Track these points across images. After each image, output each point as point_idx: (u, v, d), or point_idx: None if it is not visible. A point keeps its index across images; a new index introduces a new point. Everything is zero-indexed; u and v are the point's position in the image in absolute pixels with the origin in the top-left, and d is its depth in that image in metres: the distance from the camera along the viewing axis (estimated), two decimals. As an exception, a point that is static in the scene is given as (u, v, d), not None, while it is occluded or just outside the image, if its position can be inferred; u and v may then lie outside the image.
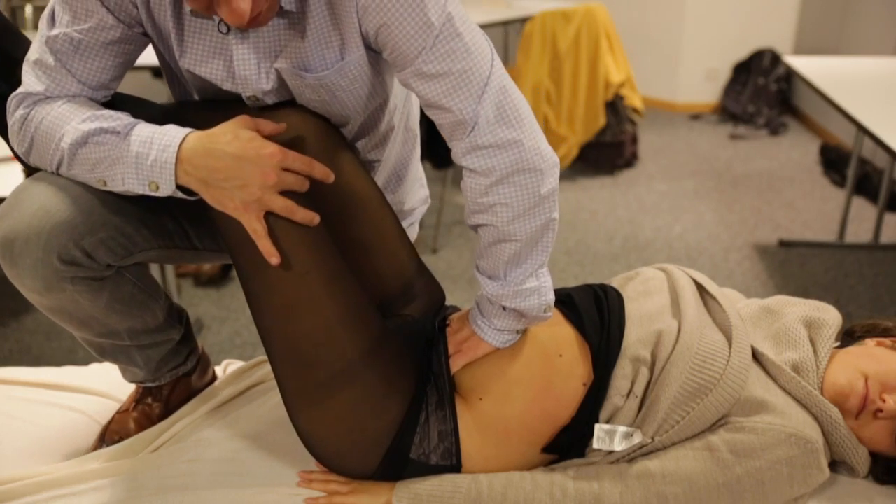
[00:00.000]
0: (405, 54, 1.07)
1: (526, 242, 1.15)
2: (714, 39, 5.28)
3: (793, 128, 5.10)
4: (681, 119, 5.33)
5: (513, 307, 1.18)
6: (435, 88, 1.08)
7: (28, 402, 1.50)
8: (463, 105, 1.08)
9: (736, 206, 3.86)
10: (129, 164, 1.07)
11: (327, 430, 1.17)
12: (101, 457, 1.33)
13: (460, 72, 1.07)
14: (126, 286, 1.21)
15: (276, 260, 1.10)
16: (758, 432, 1.12)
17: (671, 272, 1.35)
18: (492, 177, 1.11)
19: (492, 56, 1.11)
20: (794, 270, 3.20)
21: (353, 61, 1.12)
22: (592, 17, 3.86)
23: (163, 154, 1.06)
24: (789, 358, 1.22)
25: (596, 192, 4.05)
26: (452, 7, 1.07)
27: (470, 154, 1.11)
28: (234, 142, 1.06)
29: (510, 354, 1.22)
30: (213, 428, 1.39)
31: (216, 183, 1.07)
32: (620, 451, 1.16)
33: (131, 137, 1.08)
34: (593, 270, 3.22)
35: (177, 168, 1.07)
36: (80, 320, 1.22)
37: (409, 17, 1.04)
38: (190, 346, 1.43)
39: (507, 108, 1.10)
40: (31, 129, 1.12)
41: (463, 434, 1.19)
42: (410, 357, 1.22)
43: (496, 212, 1.13)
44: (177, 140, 1.07)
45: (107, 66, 1.14)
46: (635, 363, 1.19)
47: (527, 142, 1.10)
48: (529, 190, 1.11)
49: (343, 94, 1.16)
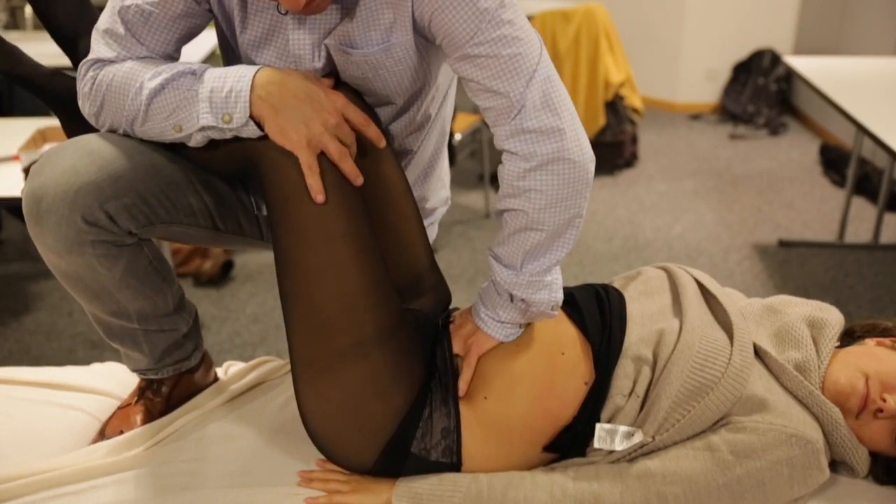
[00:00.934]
0: (458, 38, 1.11)
1: (550, 234, 1.16)
2: (714, 39, 5.28)
3: (793, 128, 5.10)
4: (681, 119, 5.33)
5: (522, 297, 1.18)
6: (484, 71, 1.12)
7: (28, 402, 1.50)
8: (511, 88, 1.11)
9: (736, 206, 3.86)
10: (204, 99, 1.13)
11: (331, 408, 1.17)
12: (101, 450, 1.33)
13: (510, 56, 1.10)
14: (142, 261, 1.24)
15: (322, 198, 1.14)
16: (759, 432, 1.12)
17: (673, 271, 1.35)
18: (532, 161, 1.13)
19: (540, 46, 1.14)
20: (793, 270, 3.20)
21: (399, 43, 1.16)
22: (592, 17, 3.86)
23: (238, 83, 1.12)
24: (792, 357, 1.22)
25: (596, 192, 4.05)
26: None
27: (513, 137, 1.14)
28: (304, 80, 1.14)
29: (514, 352, 1.22)
30: (214, 426, 1.39)
31: (285, 110, 1.12)
32: (621, 451, 1.16)
33: (206, 76, 1.14)
34: (593, 270, 3.22)
35: (251, 95, 1.12)
36: (93, 291, 1.23)
37: (463, 7, 1.08)
38: (195, 342, 1.44)
39: (554, 97, 1.13)
40: (103, 88, 1.17)
41: (465, 432, 1.19)
42: (419, 349, 1.22)
43: (530, 197, 1.14)
44: (251, 72, 1.13)
45: (172, 39, 1.20)
46: (637, 362, 1.19)
47: (569, 132, 1.13)
48: (566, 179, 1.14)
49: (386, 73, 1.20)
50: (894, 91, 2.68)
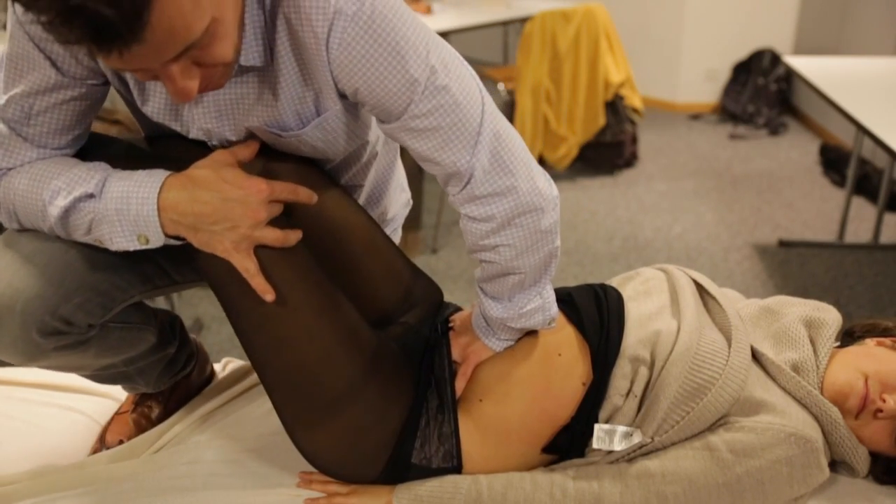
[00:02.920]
0: (389, 112, 1.02)
1: (531, 272, 1.15)
2: (714, 39, 5.28)
3: (792, 128, 5.10)
4: (680, 119, 5.33)
5: (518, 328, 1.19)
6: (425, 144, 1.04)
7: (28, 403, 1.50)
8: (456, 158, 1.04)
9: (736, 206, 3.86)
10: (112, 222, 1.03)
11: (328, 447, 1.17)
12: (101, 460, 1.33)
13: (450, 125, 1.02)
14: (112, 334, 1.18)
15: (272, 297, 1.07)
16: (757, 432, 1.12)
17: (671, 272, 1.35)
18: (492, 223, 1.09)
19: (482, 99, 1.05)
20: (793, 270, 3.20)
21: (330, 116, 1.07)
22: (592, 17, 3.86)
23: (143, 208, 1.02)
24: (789, 358, 1.22)
25: (596, 192, 4.05)
26: (436, 56, 1.00)
27: (467, 204, 1.09)
28: (217, 182, 1.02)
29: (510, 354, 1.22)
30: (213, 429, 1.39)
31: (205, 227, 1.03)
32: (620, 451, 1.16)
33: (107, 195, 1.02)
34: (593, 270, 3.22)
35: (161, 218, 1.02)
36: (73, 369, 1.22)
37: (390, 75, 0.98)
38: (187, 352, 1.42)
39: (503, 154, 1.06)
40: (9, 209, 1.09)
41: (463, 436, 1.19)
42: (409, 365, 1.22)
43: (499, 252, 1.12)
44: (154, 191, 1.02)
45: (65, 126, 1.07)
46: (635, 363, 1.19)
47: (524, 185, 1.08)
48: (530, 229, 1.10)
49: (322, 144, 1.12)
50: (894, 91, 2.68)
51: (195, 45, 0.85)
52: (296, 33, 0.97)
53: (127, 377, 1.32)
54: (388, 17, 0.95)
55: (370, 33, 0.95)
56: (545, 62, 3.86)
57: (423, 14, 4.22)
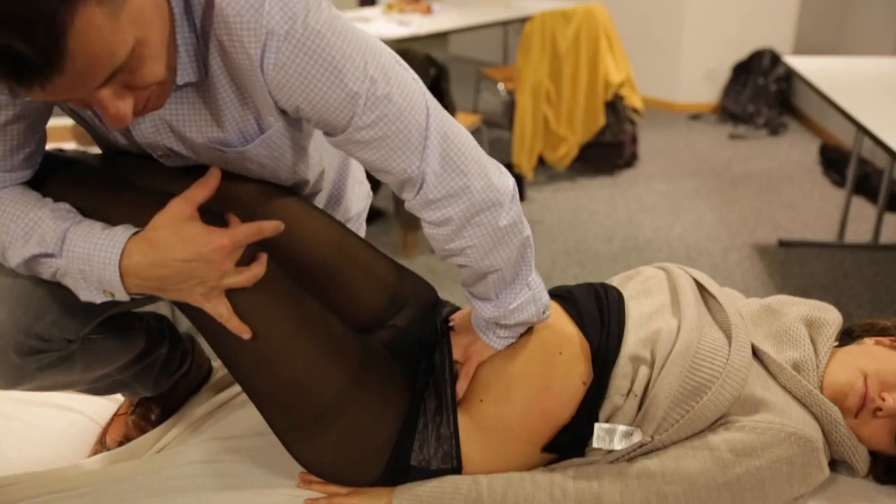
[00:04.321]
0: (333, 126, 1.01)
1: (507, 267, 1.14)
2: (714, 39, 5.28)
3: (792, 128, 5.10)
4: (680, 119, 5.33)
5: (511, 324, 1.18)
6: (373, 154, 1.03)
7: (28, 404, 1.50)
8: (406, 165, 1.03)
9: (736, 206, 3.86)
10: (77, 279, 1.01)
11: (325, 456, 1.17)
12: (102, 461, 1.33)
13: (396, 133, 1.01)
14: (97, 345, 1.17)
15: (249, 335, 1.08)
16: (758, 431, 1.12)
17: (671, 271, 1.35)
18: (451, 225, 1.09)
19: (426, 103, 1.04)
20: (793, 270, 3.20)
21: (273, 133, 1.06)
22: (592, 17, 3.86)
23: (105, 272, 0.99)
24: (790, 356, 1.22)
25: (596, 192, 4.05)
26: (375, 66, 0.98)
27: (423, 209, 1.08)
28: (177, 245, 0.99)
29: (510, 354, 1.22)
30: (214, 430, 1.39)
31: (171, 287, 1.02)
32: (620, 451, 1.16)
33: (68, 254, 1.00)
34: (593, 270, 3.22)
35: (125, 282, 1.00)
36: (64, 387, 1.20)
37: (330, 91, 0.96)
38: (180, 349, 1.41)
39: (452, 155, 1.05)
40: None
41: (463, 436, 1.19)
42: (402, 368, 1.21)
43: (467, 254, 1.12)
44: (115, 256, 0.99)
45: (14, 146, 1.02)
46: (635, 362, 1.19)
47: (477, 183, 1.07)
48: (491, 226, 1.09)
49: (269, 161, 1.11)
50: (894, 91, 2.68)
51: (122, 70, 0.83)
52: (229, 55, 0.95)
53: (124, 385, 1.31)
54: (321, 32, 0.93)
55: (305, 51, 0.93)
56: (545, 62, 3.86)
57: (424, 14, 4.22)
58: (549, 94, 3.95)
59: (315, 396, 1.13)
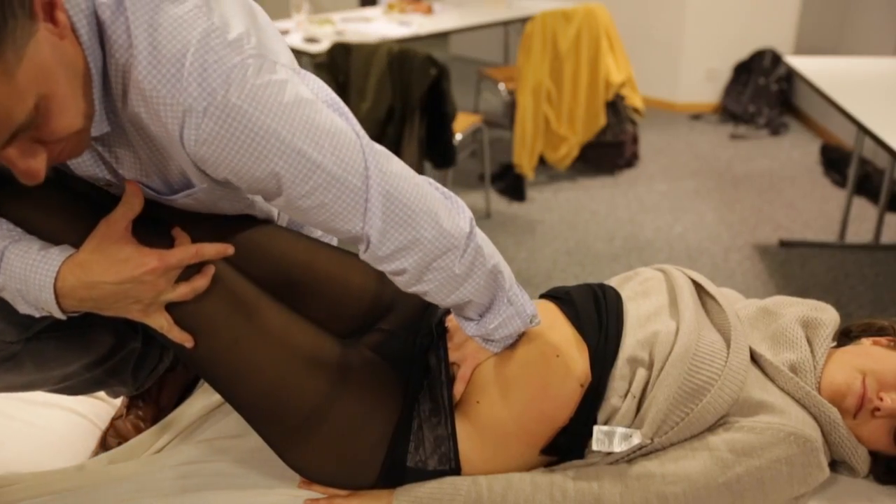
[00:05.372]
0: (266, 195, 0.99)
1: (478, 296, 1.13)
2: (715, 39, 5.28)
3: (793, 128, 5.09)
4: (681, 119, 5.33)
5: (498, 338, 1.19)
6: (314, 218, 1.01)
7: (29, 404, 1.50)
8: (349, 227, 1.01)
9: (736, 206, 3.86)
10: (14, 294, 1.01)
11: (317, 461, 1.17)
12: (102, 461, 1.33)
13: (333, 201, 0.98)
14: (48, 344, 1.15)
15: (191, 343, 1.09)
16: (757, 431, 1.12)
17: (669, 272, 1.35)
18: (407, 276, 1.07)
19: (364, 161, 0.99)
20: (794, 270, 3.20)
21: (199, 191, 1.03)
22: (593, 17, 3.86)
23: (41, 294, 0.99)
24: (787, 359, 1.22)
25: (596, 192, 4.05)
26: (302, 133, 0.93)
27: (378, 263, 1.07)
28: (110, 269, 0.99)
29: (507, 356, 1.22)
30: (213, 429, 1.39)
31: (107, 306, 1.03)
32: (620, 453, 1.16)
33: (5, 271, 1.00)
34: (593, 271, 3.22)
35: (60, 303, 1.01)
36: (23, 387, 1.18)
37: (253, 166, 0.93)
38: (157, 343, 1.39)
39: (397, 211, 1.02)
40: None
41: (461, 438, 1.19)
42: (392, 371, 1.22)
43: (431, 296, 1.11)
44: (49, 278, 0.99)
45: None
46: (633, 364, 1.19)
47: (427, 233, 1.04)
48: (449, 272, 1.08)
49: (203, 208, 1.10)
50: (895, 91, 2.68)
51: (26, 128, 0.80)
52: (146, 127, 0.93)
53: (100, 382, 1.29)
54: (242, 108, 0.89)
55: (225, 128, 0.89)
56: (546, 62, 3.86)
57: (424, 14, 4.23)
58: (549, 93, 3.95)
59: (294, 404, 1.14)
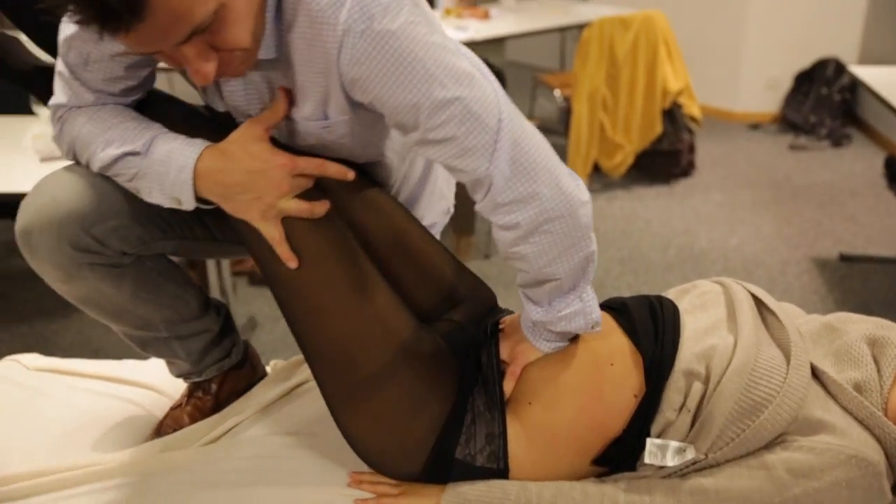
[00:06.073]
0: (404, 124, 1.05)
1: (566, 278, 1.14)
2: (776, 48, 5.18)
3: (857, 139, 4.97)
4: (740, 129, 5.24)
5: (558, 331, 1.18)
6: (442, 153, 1.06)
7: (90, 394, 1.54)
8: (475, 166, 1.05)
9: (795, 218, 3.78)
10: (153, 180, 1.12)
11: (370, 429, 1.18)
12: (155, 446, 1.36)
13: (465, 135, 1.03)
14: (150, 274, 1.25)
15: (295, 263, 1.14)
16: (816, 452, 1.09)
17: (728, 285, 1.33)
18: (518, 231, 1.09)
19: (499, 106, 1.05)
20: (855, 286, 3.12)
21: (339, 123, 1.12)
22: (651, 24, 3.82)
23: (180, 175, 1.10)
24: (851, 377, 1.19)
25: (651, 202, 4.01)
26: (446, 69, 1.01)
27: (492, 212, 1.10)
28: (245, 158, 1.10)
29: (561, 360, 1.22)
30: (266, 424, 1.41)
31: (233, 196, 1.12)
32: (672, 467, 1.15)
33: (151, 156, 1.11)
34: (647, 280, 3.18)
35: (196, 185, 1.11)
36: (111, 312, 1.26)
37: (400, 91, 1.00)
38: (232, 339, 1.46)
39: (523, 160, 1.06)
40: (69, 144, 1.18)
41: (511, 438, 1.19)
42: (453, 359, 1.22)
43: (528, 260, 1.12)
44: (191, 160, 1.10)
45: (118, 76, 1.14)
46: (689, 377, 1.18)
47: (547, 191, 1.07)
48: (559, 235, 1.09)
49: (333, 145, 1.17)
50: (966, 104, 2.59)
51: (203, 29, 0.90)
52: (309, 45, 1.02)
53: (169, 347, 1.35)
54: (396, 34, 0.98)
55: (379, 51, 0.98)
56: (602, 69, 3.83)
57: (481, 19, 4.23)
58: (605, 100, 3.92)
59: (361, 360, 1.16)
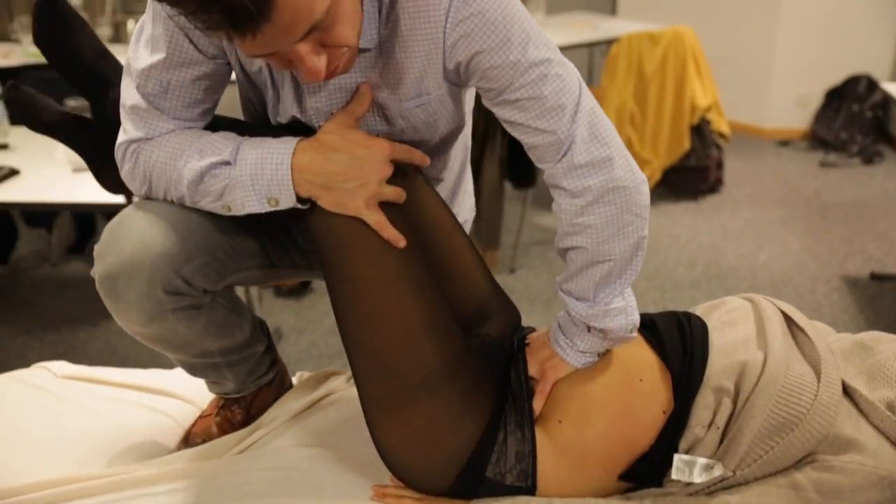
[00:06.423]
0: (493, 86, 1.10)
1: (619, 262, 1.15)
2: (806, 64, 5.13)
3: (888, 157, 4.90)
4: (769, 145, 5.19)
5: (600, 327, 1.17)
6: (527, 113, 1.10)
7: (117, 402, 1.56)
8: (557, 125, 1.10)
9: (825, 236, 3.74)
10: (246, 187, 1.12)
11: (404, 441, 1.18)
12: (183, 457, 1.36)
13: (552, 93, 1.09)
14: (219, 310, 1.26)
15: (404, 242, 1.15)
16: (847, 473, 1.07)
17: (758, 302, 1.31)
18: (587, 196, 1.12)
19: (579, 79, 1.12)
20: (886, 305, 3.07)
21: (433, 99, 1.16)
22: (680, 40, 3.81)
23: (277, 173, 1.11)
24: (884, 396, 1.17)
25: (678, 218, 3.98)
26: (538, 35, 1.09)
27: (566, 175, 1.12)
28: (346, 144, 1.12)
29: (590, 376, 1.21)
30: (291, 437, 1.41)
31: (337, 185, 1.12)
32: (699, 484, 1.13)
33: (241, 162, 1.11)
34: (674, 297, 3.16)
35: (294, 179, 1.11)
36: (176, 346, 1.26)
37: (501, 48, 1.06)
38: (272, 356, 1.47)
39: (600, 127, 1.12)
40: (145, 174, 1.17)
41: (540, 456, 1.18)
42: (490, 375, 1.22)
43: (590, 233, 1.13)
44: (287, 155, 1.11)
45: (197, 100, 1.17)
46: (718, 394, 1.16)
47: (618, 159, 1.12)
48: (622, 207, 1.12)
49: (421, 125, 1.20)
50: None
51: (318, 27, 0.94)
52: (412, 16, 1.06)
53: (218, 371, 1.36)
54: None
55: (483, 12, 1.04)
56: (630, 84, 3.82)
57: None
58: (633, 116, 3.91)
59: (409, 367, 1.16)
